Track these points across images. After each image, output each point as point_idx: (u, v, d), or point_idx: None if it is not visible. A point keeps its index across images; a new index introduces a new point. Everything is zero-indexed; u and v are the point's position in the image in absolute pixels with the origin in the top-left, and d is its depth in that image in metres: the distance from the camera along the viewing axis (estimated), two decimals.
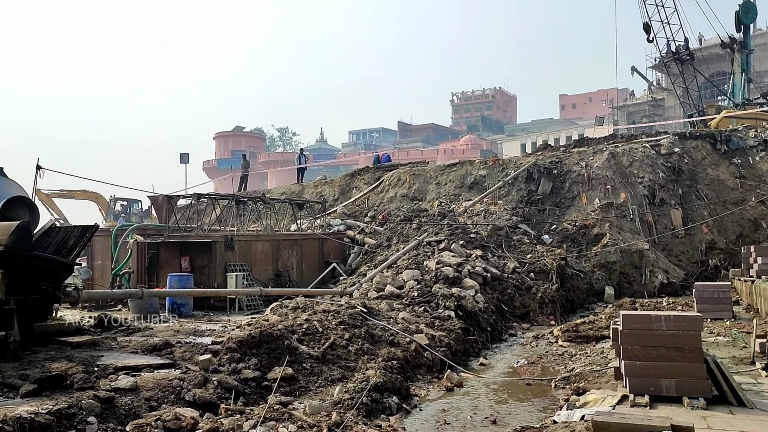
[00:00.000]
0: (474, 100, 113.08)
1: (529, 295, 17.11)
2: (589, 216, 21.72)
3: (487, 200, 23.61)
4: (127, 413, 7.10)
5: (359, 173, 30.01)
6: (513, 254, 19.12)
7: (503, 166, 25.57)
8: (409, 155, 60.00)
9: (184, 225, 19.36)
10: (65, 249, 10.45)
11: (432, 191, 25.63)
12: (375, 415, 8.31)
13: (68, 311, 14.64)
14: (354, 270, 20.41)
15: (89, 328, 11.94)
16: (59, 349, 9.84)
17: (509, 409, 9.05)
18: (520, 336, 15.02)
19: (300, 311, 12.23)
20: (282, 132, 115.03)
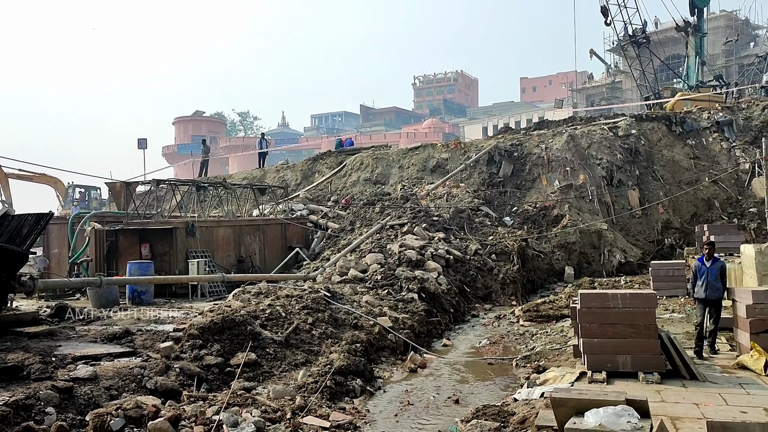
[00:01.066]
0: (436, 83, 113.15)
1: (491, 277, 17.35)
2: (549, 198, 22.05)
3: (449, 183, 23.75)
4: (87, 403, 7.02)
5: (321, 157, 29.85)
6: (475, 236, 19.33)
7: (465, 149, 25.72)
8: (372, 139, 59.88)
9: (143, 212, 19.01)
10: (19, 237, 10.18)
11: (395, 175, 25.67)
12: (339, 398, 8.37)
13: (24, 301, 14.32)
14: (317, 255, 20.38)
15: (46, 318, 11.69)
16: (15, 339, 9.61)
17: (472, 388, 9.20)
18: (483, 316, 15.24)
19: (263, 297, 12.18)
20: (243, 116, 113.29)
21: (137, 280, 14.60)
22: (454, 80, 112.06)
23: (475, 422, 6.49)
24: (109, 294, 14.20)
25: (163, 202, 21.19)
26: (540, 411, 6.15)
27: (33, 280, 10.50)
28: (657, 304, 8.00)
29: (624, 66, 46.98)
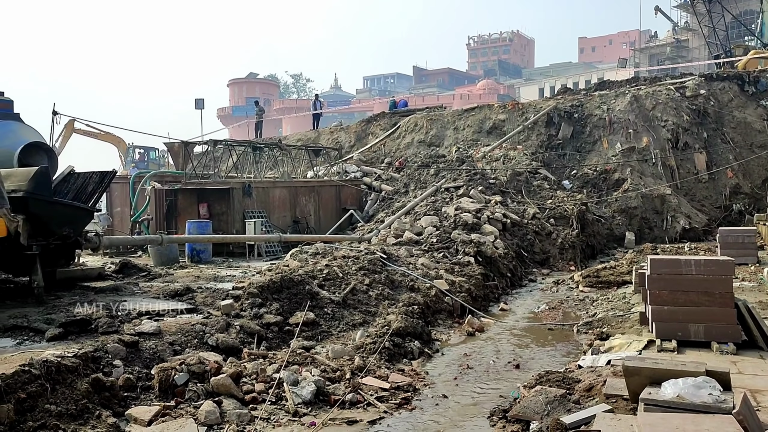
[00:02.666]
0: (491, 43, 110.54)
1: (549, 241, 16.97)
2: (610, 161, 21.33)
3: (506, 145, 23.23)
4: (152, 357, 7.14)
5: (375, 119, 29.61)
6: (533, 200, 18.92)
7: (522, 110, 25.04)
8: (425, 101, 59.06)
9: (201, 172, 19.26)
10: (84, 195, 10.41)
11: (450, 137, 25.25)
12: (397, 360, 8.31)
13: (90, 257, 14.76)
14: (371, 217, 20.33)
15: (111, 274, 12.04)
16: (83, 294, 9.91)
17: (532, 353, 9.02)
18: (540, 281, 14.96)
19: (320, 257, 12.19)
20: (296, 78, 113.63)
21: (197, 238, 14.84)
22: (510, 40, 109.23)
23: (539, 388, 6.32)
24: (170, 252, 14.51)
25: (220, 162, 21.45)
26: (608, 379, 5.94)
27: (98, 237, 10.74)
28: (734, 271, 7.60)
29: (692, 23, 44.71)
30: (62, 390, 5.80)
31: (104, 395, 6.09)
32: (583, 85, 48.83)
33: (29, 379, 5.64)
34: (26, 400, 5.49)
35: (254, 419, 6.15)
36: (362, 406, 6.65)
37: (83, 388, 5.95)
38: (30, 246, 8.96)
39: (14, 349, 6.81)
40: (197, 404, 6.24)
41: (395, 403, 6.78)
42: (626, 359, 5.29)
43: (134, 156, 35.99)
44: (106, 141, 33.71)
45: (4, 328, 7.59)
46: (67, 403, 5.71)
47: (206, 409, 6.05)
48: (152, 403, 6.25)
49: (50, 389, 5.70)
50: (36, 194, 9.22)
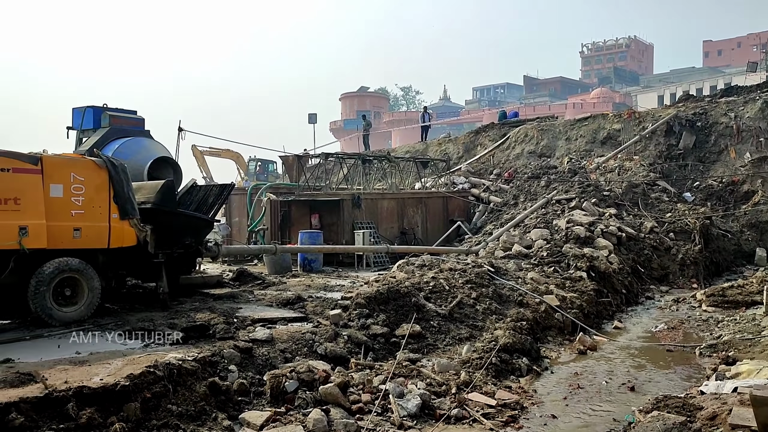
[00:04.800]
0: (606, 50, 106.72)
1: (669, 257, 16.07)
2: (739, 171, 19.92)
3: (621, 156, 22.29)
4: (264, 363, 7.43)
5: (484, 130, 29.32)
6: (650, 213, 18.01)
7: (639, 119, 23.95)
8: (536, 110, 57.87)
9: (313, 184, 19.88)
10: (205, 206, 11.04)
11: (561, 147, 24.57)
12: (504, 376, 8.16)
13: (210, 265, 15.59)
14: (479, 229, 20.12)
15: (229, 281, 12.65)
16: (202, 300, 10.49)
17: (648, 375, 8.56)
18: (658, 299, 14.19)
19: (426, 269, 12.21)
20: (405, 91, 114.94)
21: (308, 248, 15.31)
22: (626, 46, 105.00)
23: (656, 414, 5.98)
24: (283, 261, 15.04)
25: (331, 174, 22.03)
26: (734, 408, 5.52)
27: (217, 246, 11.34)
28: None
29: None
30: (182, 392, 6.16)
31: (220, 398, 6.41)
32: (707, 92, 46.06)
33: (154, 380, 6.04)
34: (151, 399, 5.88)
35: (360, 429, 6.24)
36: (467, 422, 6.57)
37: (201, 390, 6.29)
38: (157, 254, 9.61)
39: (141, 351, 7.31)
40: (306, 411, 6.42)
41: (502, 421, 6.65)
42: (755, 387, 4.89)
43: (255, 169, 37.72)
44: (225, 157, 35.61)
45: (133, 331, 8.17)
46: (187, 404, 6.06)
47: (314, 417, 6.20)
48: (264, 408, 6.50)
49: (172, 390, 6.07)
50: (162, 206, 9.89)
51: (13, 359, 6.70)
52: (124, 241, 9.14)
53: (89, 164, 8.96)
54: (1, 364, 6.54)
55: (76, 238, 8.59)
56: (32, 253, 8.10)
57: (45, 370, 6.22)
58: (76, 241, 8.60)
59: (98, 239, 8.86)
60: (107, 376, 6.02)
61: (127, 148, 12.18)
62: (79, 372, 6.19)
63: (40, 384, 5.73)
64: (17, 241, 7.91)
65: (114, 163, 9.11)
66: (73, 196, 8.58)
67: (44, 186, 8.30)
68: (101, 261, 9.06)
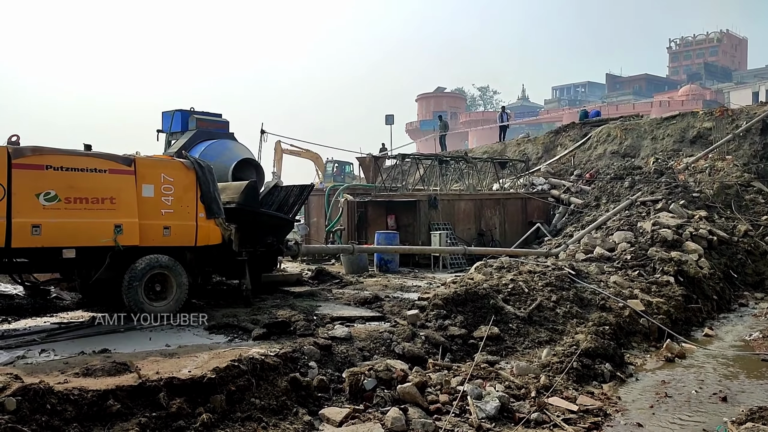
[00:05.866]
0: (695, 45, 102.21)
1: (764, 262, 15.26)
2: None
3: (712, 155, 21.24)
4: (343, 361, 7.53)
5: (564, 130, 28.62)
6: (744, 215, 17.08)
7: (732, 117, 22.74)
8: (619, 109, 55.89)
9: (389, 185, 19.99)
10: (286, 206, 11.32)
11: (646, 147, 23.66)
12: (586, 381, 7.95)
13: (289, 263, 15.95)
14: (559, 231, 19.67)
15: (308, 280, 12.91)
16: (283, 297, 10.76)
17: (742, 386, 8.12)
18: (753, 306, 13.45)
19: (505, 271, 12.04)
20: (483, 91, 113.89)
21: (385, 249, 15.41)
22: (718, 41, 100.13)
23: (751, 425, 5.69)
24: (360, 261, 15.21)
25: (408, 175, 22.08)
26: None
27: (297, 245, 11.61)
28: None
29: None
30: (265, 386, 6.33)
31: (300, 394, 6.54)
32: None
33: (238, 374, 6.24)
34: (235, 392, 6.07)
35: (438, 429, 6.22)
36: (548, 427, 6.44)
37: (282, 385, 6.44)
38: (240, 252, 9.94)
39: (226, 345, 7.57)
40: (384, 410, 6.46)
41: (584, 427, 6.48)
42: None
43: (332, 170, 38.29)
44: (305, 158, 36.26)
45: (218, 326, 8.47)
46: (269, 398, 6.22)
47: (393, 415, 6.23)
48: (343, 405, 6.58)
49: (255, 384, 6.25)
50: (246, 206, 10.22)
51: (109, 349, 7.09)
52: (210, 240, 9.49)
53: (178, 165, 9.36)
54: (99, 353, 6.93)
55: (166, 236, 8.99)
56: (126, 250, 8.53)
57: (138, 360, 6.54)
58: (166, 239, 9.00)
59: (186, 237, 9.24)
60: (195, 368, 6.26)
61: (213, 150, 12.65)
62: (169, 364, 6.47)
63: (134, 374, 6.03)
64: (113, 238, 8.37)
65: (201, 165, 9.48)
66: (163, 195, 8.99)
67: (137, 186, 8.74)
68: (188, 258, 9.44)
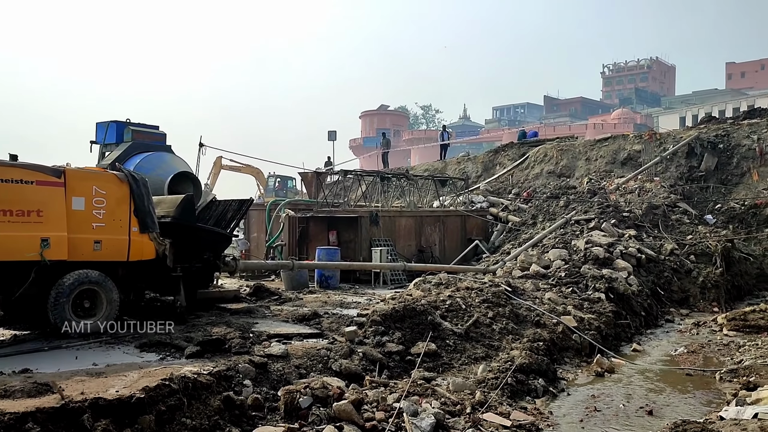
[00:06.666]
0: (627, 71, 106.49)
1: (689, 279, 15.88)
2: (761, 194, 19.66)
3: (642, 177, 22.14)
4: (279, 379, 7.43)
5: (503, 149, 29.31)
6: (671, 235, 17.81)
7: (660, 140, 23.80)
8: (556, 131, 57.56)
9: (331, 200, 19.96)
10: (224, 221, 11.14)
11: (581, 167, 24.46)
12: (520, 397, 8.09)
13: (228, 279, 15.66)
14: (497, 248, 20.04)
15: (246, 296, 12.70)
16: (219, 314, 10.54)
17: (667, 399, 8.43)
18: (678, 322, 14.00)
19: (443, 287, 12.17)
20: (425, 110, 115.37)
21: (325, 265, 15.34)
22: (648, 67, 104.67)
23: None
24: (300, 277, 15.07)
25: (350, 191, 22.09)
26: None
27: (235, 261, 11.40)
28: None
29: None
30: (197, 405, 6.19)
31: (234, 413, 6.42)
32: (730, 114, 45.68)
33: (169, 393, 6.07)
34: (165, 412, 5.91)
35: None
36: None
37: (215, 405, 6.31)
38: (175, 268, 9.70)
39: (157, 363, 7.35)
40: (319, 428, 6.39)
41: None
42: None
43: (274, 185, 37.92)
44: (246, 173, 35.84)
45: (149, 344, 8.23)
46: (201, 418, 6.08)
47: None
48: (277, 423, 6.49)
49: (186, 404, 6.10)
50: (182, 220, 10.00)
51: (31, 369, 6.78)
52: (144, 255, 9.24)
53: (111, 178, 9.10)
54: (20, 373, 6.62)
55: (97, 251, 8.70)
56: (53, 264, 8.21)
57: (62, 380, 6.28)
58: (97, 253, 8.71)
59: (118, 252, 8.96)
60: (123, 388, 6.06)
61: (149, 162, 12.37)
62: (95, 383, 6.24)
63: (57, 395, 5.78)
64: (39, 252, 8.04)
65: (135, 177, 9.24)
66: (94, 209, 8.71)
67: (66, 199, 8.43)
68: (120, 274, 9.16)
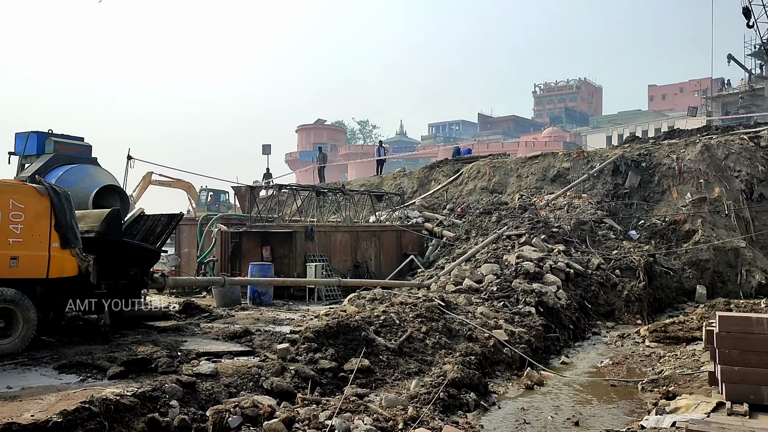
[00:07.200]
0: (557, 91, 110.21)
1: (615, 293, 16.44)
2: (680, 211, 20.62)
3: (570, 193, 22.86)
4: (208, 398, 7.24)
5: (438, 165, 29.74)
6: (597, 250, 18.43)
7: (588, 158, 24.66)
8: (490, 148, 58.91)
9: (266, 215, 19.73)
10: (153, 236, 10.83)
11: (513, 184, 25.06)
12: (452, 411, 8.14)
13: (156, 296, 15.20)
14: (432, 263, 20.24)
15: (175, 314, 12.36)
16: (146, 333, 10.21)
17: (593, 410, 8.66)
18: (604, 335, 14.45)
19: (377, 303, 12.18)
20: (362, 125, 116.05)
21: (258, 281, 15.11)
22: (577, 88, 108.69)
23: None
24: (232, 293, 14.79)
25: (285, 206, 21.91)
26: None
27: (164, 277, 11.09)
28: None
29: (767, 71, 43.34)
30: (119, 429, 5.96)
31: None
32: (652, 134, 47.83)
33: (89, 416, 5.82)
34: None
35: None
36: None
37: (139, 427, 6.09)
38: (99, 285, 9.36)
39: (77, 385, 7.05)
40: None
41: None
42: (690, 422, 5.01)
43: (206, 199, 37.17)
44: (177, 187, 34.98)
45: (70, 365, 7.88)
46: None
47: None
48: None
49: (108, 427, 5.85)
50: (107, 235, 9.66)
51: None
52: (65, 271, 8.87)
53: (30, 191, 8.72)
54: None
55: (13, 267, 8.30)
56: None
57: None
58: (13, 270, 8.31)
59: (37, 269, 8.57)
60: (39, 412, 5.78)
61: (72, 175, 11.91)
62: (8, 408, 5.93)
63: None
64: None
65: (56, 191, 8.88)
66: (11, 223, 8.32)
67: None
68: (39, 291, 8.75)
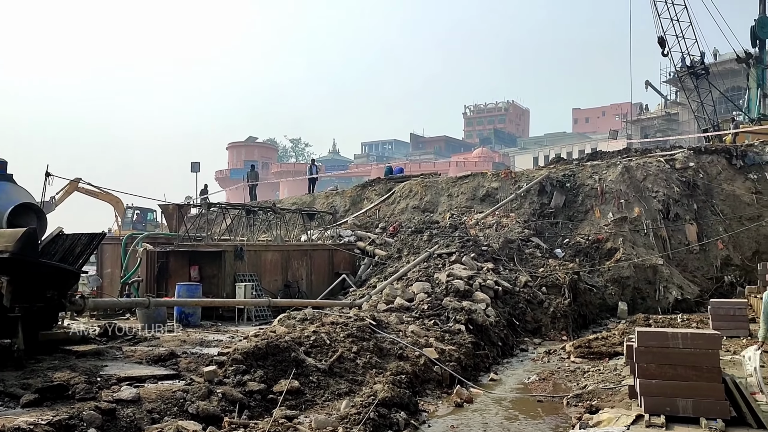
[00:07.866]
0: (487, 113, 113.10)
1: (541, 310, 16.87)
2: (602, 230, 21.44)
3: (499, 213, 23.40)
4: (129, 426, 6.97)
5: (371, 184, 29.89)
6: (525, 268, 18.90)
7: (515, 178, 25.36)
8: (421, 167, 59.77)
9: (194, 234, 19.29)
10: (72, 257, 10.38)
11: (444, 203, 25.45)
12: (382, 431, 8.12)
13: (76, 320, 14.57)
14: (364, 282, 20.25)
15: (95, 337, 11.85)
16: (64, 358, 9.73)
17: (520, 426, 8.83)
18: (532, 351, 14.78)
19: (308, 323, 12.08)
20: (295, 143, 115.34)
21: (184, 302, 14.72)
22: (505, 110, 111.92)
23: None
24: (157, 315, 14.36)
25: (214, 225, 21.47)
26: None
27: (83, 299, 10.63)
28: (721, 345, 7.53)
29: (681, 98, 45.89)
30: None
31: None
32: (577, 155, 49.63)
33: None
34: None
35: None
36: None
37: None
38: (12, 308, 8.87)
39: None
40: None
41: None
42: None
43: (133, 217, 36.00)
44: (104, 200, 33.72)
45: None
46: None
47: None
48: None
49: None
50: (22, 255, 9.19)
51: None
52: None
53: None
54: None
55: None
56: None
57: None
58: None
59: None
60: None
61: None
62: None
63: None
64: None
65: None
66: None
67: None
68: None
